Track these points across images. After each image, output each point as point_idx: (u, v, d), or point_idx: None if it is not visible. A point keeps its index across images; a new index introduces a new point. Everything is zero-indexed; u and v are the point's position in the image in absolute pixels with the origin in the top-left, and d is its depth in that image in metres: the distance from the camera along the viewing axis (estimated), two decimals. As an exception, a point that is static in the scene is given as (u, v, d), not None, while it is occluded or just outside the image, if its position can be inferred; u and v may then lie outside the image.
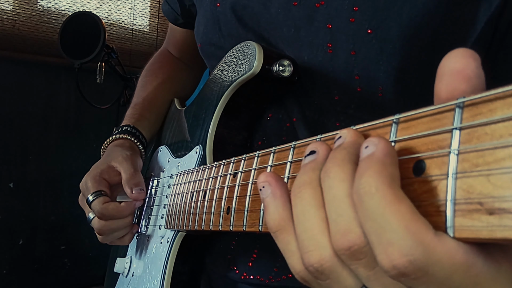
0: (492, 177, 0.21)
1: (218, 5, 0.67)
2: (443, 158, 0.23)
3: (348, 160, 0.28)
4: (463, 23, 0.54)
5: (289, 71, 0.58)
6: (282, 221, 0.32)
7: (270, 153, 0.41)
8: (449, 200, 0.22)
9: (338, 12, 0.56)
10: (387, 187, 0.24)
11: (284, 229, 0.32)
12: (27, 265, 2.38)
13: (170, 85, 0.92)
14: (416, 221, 0.23)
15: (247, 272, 0.68)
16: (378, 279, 0.27)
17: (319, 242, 0.29)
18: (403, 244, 0.23)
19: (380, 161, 0.25)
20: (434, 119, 0.25)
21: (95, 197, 0.69)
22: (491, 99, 0.21)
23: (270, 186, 0.33)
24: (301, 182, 0.30)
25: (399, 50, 0.54)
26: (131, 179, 0.71)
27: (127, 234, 0.75)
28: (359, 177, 0.25)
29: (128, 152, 0.75)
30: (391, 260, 0.24)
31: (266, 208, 0.33)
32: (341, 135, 0.30)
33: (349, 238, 0.26)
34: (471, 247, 0.23)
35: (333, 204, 0.28)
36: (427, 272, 0.23)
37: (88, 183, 0.71)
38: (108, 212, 0.69)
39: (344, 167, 0.27)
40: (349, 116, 0.60)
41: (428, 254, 0.23)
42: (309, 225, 0.29)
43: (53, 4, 2.46)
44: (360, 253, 0.26)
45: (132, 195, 0.71)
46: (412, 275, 0.23)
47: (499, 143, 0.21)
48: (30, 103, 2.37)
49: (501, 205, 0.20)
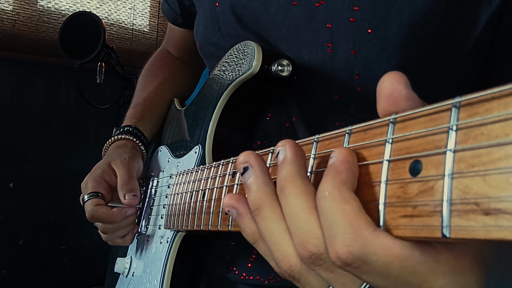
0: (488, 178, 0.21)
1: (217, 5, 0.67)
2: (439, 158, 0.23)
3: (297, 175, 0.31)
4: (463, 23, 0.54)
5: (288, 70, 0.58)
6: (254, 236, 0.36)
7: (269, 153, 0.41)
8: (445, 201, 0.22)
9: (338, 11, 0.56)
10: (336, 191, 0.27)
11: (258, 241, 0.36)
12: (27, 265, 2.38)
13: (170, 85, 0.92)
14: (358, 218, 0.27)
15: (246, 273, 0.68)
16: (338, 280, 0.31)
17: (286, 252, 0.32)
18: (345, 237, 0.27)
19: (334, 169, 0.28)
20: (430, 119, 0.25)
21: (89, 198, 0.70)
22: (487, 99, 0.21)
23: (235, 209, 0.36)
24: (255, 202, 0.33)
25: (399, 50, 0.54)
26: (125, 184, 0.71)
27: (128, 234, 0.75)
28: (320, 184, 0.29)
29: (127, 156, 0.75)
30: (335, 250, 0.27)
31: (239, 226, 0.37)
32: (280, 150, 0.32)
33: (309, 248, 0.30)
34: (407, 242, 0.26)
35: (291, 219, 0.31)
36: (365, 262, 0.26)
37: (88, 183, 0.71)
38: (97, 215, 0.69)
39: (295, 183, 0.31)
40: (349, 116, 0.60)
41: (366, 245, 0.26)
42: (274, 239, 0.33)
43: (53, 4, 2.46)
44: (319, 259, 0.30)
45: (125, 201, 0.71)
46: (353, 264, 0.26)
47: (495, 143, 0.20)
48: (30, 103, 2.36)
49: (497, 206, 0.20)
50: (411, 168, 0.25)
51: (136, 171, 0.75)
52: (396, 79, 0.27)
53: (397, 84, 0.27)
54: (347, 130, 0.31)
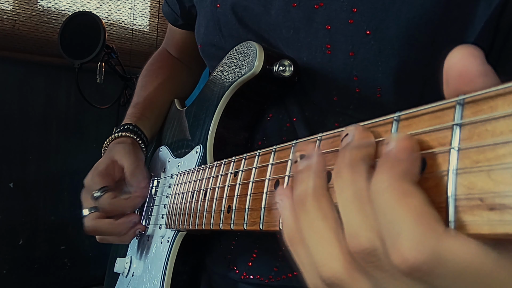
0: (493, 173, 0.21)
1: (218, 6, 0.68)
2: (444, 155, 0.23)
3: (359, 160, 0.27)
4: (461, 23, 0.54)
5: (289, 71, 0.58)
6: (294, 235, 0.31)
7: (271, 152, 0.41)
8: (450, 196, 0.23)
9: (337, 13, 0.56)
10: (397, 182, 0.24)
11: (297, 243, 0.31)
12: (27, 265, 2.37)
13: (170, 85, 0.92)
14: (425, 213, 0.23)
15: (247, 272, 0.68)
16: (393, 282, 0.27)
17: (331, 253, 0.28)
18: (413, 236, 0.23)
19: (393, 157, 0.25)
20: (435, 116, 0.25)
21: (102, 193, 0.70)
22: (491, 96, 0.22)
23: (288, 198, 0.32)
24: (301, 193, 0.30)
25: (397, 51, 0.55)
26: (134, 172, 0.72)
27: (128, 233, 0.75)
28: (375, 175, 0.25)
29: (130, 148, 0.75)
30: (401, 253, 0.23)
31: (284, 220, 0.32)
32: (348, 133, 0.29)
33: (361, 241, 0.26)
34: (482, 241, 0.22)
35: (346, 206, 0.27)
36: (438, 266, 0.23)
37: (94, 178, 0.71)
38: (115, 207, 0.70)
39: (356, 168, 0.27)
40: (348, 117, 0.60)
41: (439, 246, 0.22)
42: (318, 238, 0.29)
43: (53, 4, 2.46)
44: (373, 256, 0.26)
45: (136, 192, 0.71)
46: (423, 268, 0.23)
47: (500, 140, 0.21)
48: (30, 103, 2.36)
49: (502, 201, 0.20)
50: (416, 165, 0.25)
51: (141, 161, 0.76)
52: (470, 53, 0.24)
53: (473, 59, 0.24)
54: (351, 128, 0.31)
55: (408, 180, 0.24)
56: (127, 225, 0.72)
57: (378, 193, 0.25)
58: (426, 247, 0.22)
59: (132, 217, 0.73)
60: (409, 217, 0.23)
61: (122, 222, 0.71)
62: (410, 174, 0.24)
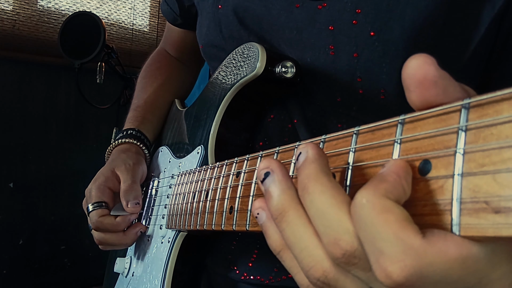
0: (498, 177, 0.21)
1: (220, 7, 0.67)
2: (449, 158, 0.24)
3: (320, 172, 0.29)
4: (466, 25, 0.54)
5: (291, 72, 0.58)
6: (281, 244, 0.33)
7: (274, 153, 0.41)
8: (455, 199, 0.23)
9: (340, 14, 0.56)
10: (377, 198, 0.25)
11: (283, 250, 0.33)
12: (27, 265, 2.37)
13: (170, 86, 0.92)
14: (404, 228, 0.24)
15: (247, 272, 0.68)
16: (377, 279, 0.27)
17: (317, 256, 0.29)
18: (394, 251, 0.24)
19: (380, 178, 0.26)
20: (440, 120, 0.25)
21: (94, 208, 0.71)
22: (497, 100, 0.22)
23: (265, 211, 0.33)
24: (278, 207, 0.31)
25: (401, 53, 0.54)
26: (128, 191, 0.72)
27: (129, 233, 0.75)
28: (359, 191, 0.26)
29: (132, 162, 0.75)
30: (384, 268, 0.24)
31: (265, 232, 0.34)
32: (301, 151, 0.30)
33: (341, 245, 0.27)
34: (462, 239, 0.23)
35: (319, 217, 0.28)
36: (421, 276, 0.24)
37: (92, 191, 0.72)
38: (103, 225, 0.70)
39: (319, 180, 0.28)
40: (351, 118, 0.60)
41: (420, 257, 0.23)
42: (303, 245, 0.30)
43: (53, 4, 2.46)
44: (354, 257, 0.27)
45: (128, 208, 0.71)
46: (407, 281, 0.24)
47: (505, 143, 0.21)
48: (30, 103, 2.36)
49: (507, 204, 0.20)
50: (420, 168, 0.25)
51: (140, 178, 0.76)
52: (425, 61, 0.25)
53: (429, 66, 0.25)
54: (355, 130, 0.31)
55: (385, 197, 0.25)
56: (126, 222, 0.72)
57: (358, 207, 0.25)
58: (408, 265, 0.23)
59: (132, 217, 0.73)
60: (388, 232, 0.24)
61: (122, 220, 0.72)
62: (392, 194, 0.25)
